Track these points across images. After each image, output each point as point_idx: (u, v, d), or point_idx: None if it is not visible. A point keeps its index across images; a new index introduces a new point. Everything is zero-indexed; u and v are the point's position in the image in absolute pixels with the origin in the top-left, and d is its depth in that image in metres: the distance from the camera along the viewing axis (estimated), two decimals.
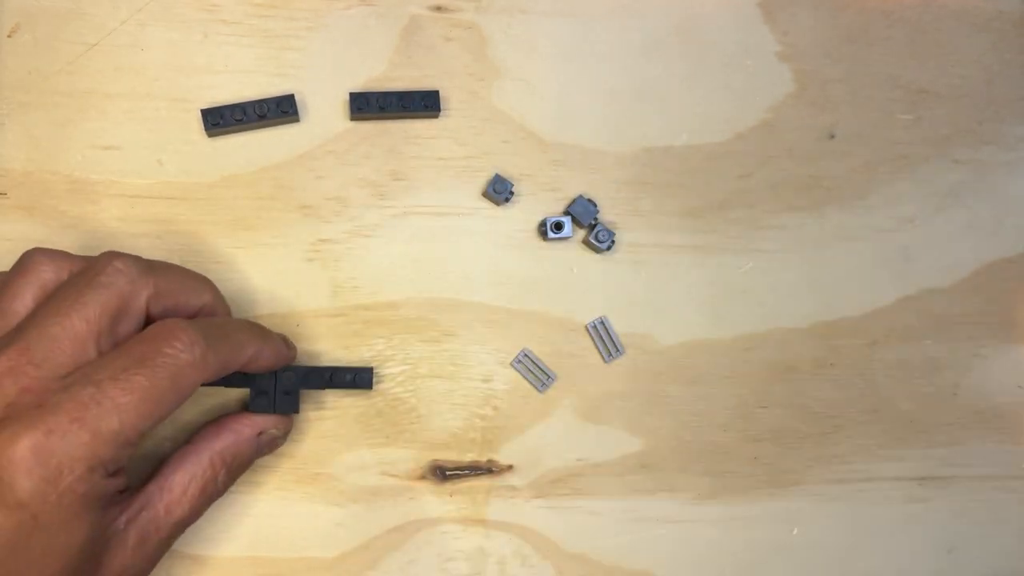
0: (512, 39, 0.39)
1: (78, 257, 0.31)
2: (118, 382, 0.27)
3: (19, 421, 0.26)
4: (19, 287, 0.29)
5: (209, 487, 0.32)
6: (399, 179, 0.38)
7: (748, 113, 0.40)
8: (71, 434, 0.26)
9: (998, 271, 0.41)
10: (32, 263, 0.30)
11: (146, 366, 0.27)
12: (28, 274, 0.30)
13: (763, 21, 0.41)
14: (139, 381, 0.27)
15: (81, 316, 0.28)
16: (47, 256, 0.30)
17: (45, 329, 0.27)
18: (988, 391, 0.40)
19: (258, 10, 0.38)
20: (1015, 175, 0.41)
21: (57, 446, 0.26)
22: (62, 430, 0.26)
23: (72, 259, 0.30)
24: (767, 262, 0.40)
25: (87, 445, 0.26)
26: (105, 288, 0.29)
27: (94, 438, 0.26)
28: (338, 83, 0.38)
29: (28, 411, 0.26)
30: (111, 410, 0.27)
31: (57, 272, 0.30)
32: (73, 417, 0.26)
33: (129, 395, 0.27)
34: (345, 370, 0.35)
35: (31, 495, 0.25)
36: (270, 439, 0.34)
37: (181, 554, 0.35)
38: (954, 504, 0.39)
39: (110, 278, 0.29)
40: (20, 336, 0.27)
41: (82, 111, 0.36)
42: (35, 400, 0.26)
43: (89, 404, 0.26)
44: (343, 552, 0.36)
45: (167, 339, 0.28)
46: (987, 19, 0.42)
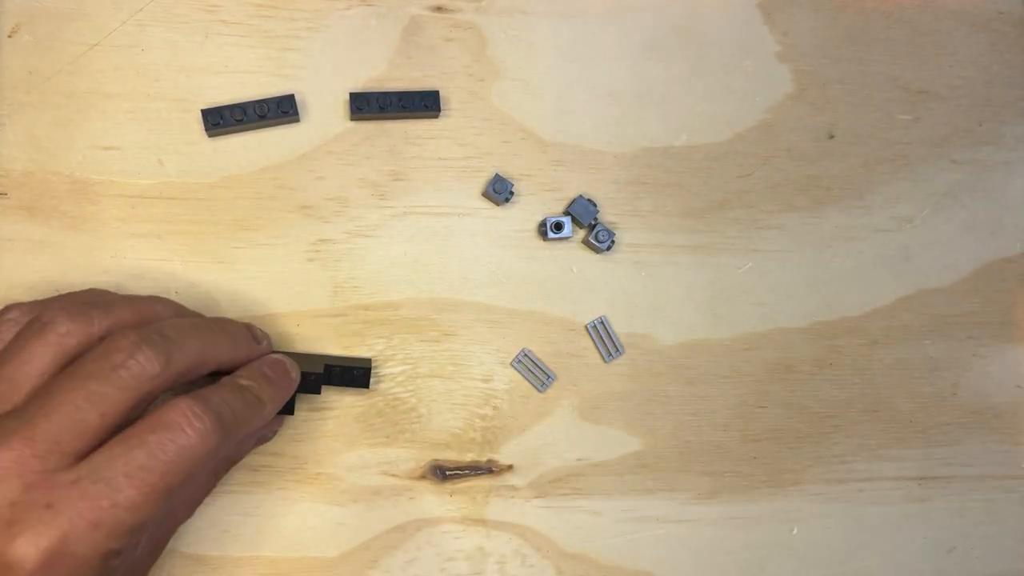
0: (512, 39, 0.39)
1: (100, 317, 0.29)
2: (132, 480, 0.26)
3: (30, 526, 0.25)
4: (35, 351, 0.28)
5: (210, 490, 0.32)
6: (399, 179, 0.38)
7: (748, 113, 0.40)
8: (86, 538, 0.25)
9: (997, 271, 0.41)
10: (53, 325, 0.28)
11: (159, 461, 0.26)
12: (48, 336, 0.28)
13: (763, 21, 0.41)
14: (153, 480, 0.26)
15: (96, 410, 0.26)
16: (71, 320, 0.28)
17: (54, 417, 0.26)
18: (987, 391, 0.40)
19: (259, 11, 0.38)
20: (1014, 175, 0.41)
21: (74, 550, 0.25)
22: (77, 535, 0.25)
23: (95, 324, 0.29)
24: (767, 262, 0.40)
25: (103, 543, 0.25)
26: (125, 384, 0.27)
27: (109, 537, 0.26)
28: (338, 83, 0.38)
29: (37, 512, 0.25)
30: (127, 510, 0.26)
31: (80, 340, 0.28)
32: (88, 520, 0.25)
33: (143, 494, 0.26)
34: (345, 369, 0.35)
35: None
36: (263, 439, 0.34)
37: (181, 554, 0.35)
38: (954, 504, 0.39)
39: (131, 373, 0.27)
40: (27, 422, 0.26)
41: (83, 111, 0.36)
42: (43, 499, 0.25)
43: (103, 504, 0.25)
44: (344, 552, 0.36)
45: (181, 429, 0.27)
46: (987, 19, 0.42)
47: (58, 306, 0.29)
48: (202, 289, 0.36)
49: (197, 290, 0.36)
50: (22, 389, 0.27)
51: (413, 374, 0.37)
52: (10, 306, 0.30)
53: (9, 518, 0.25)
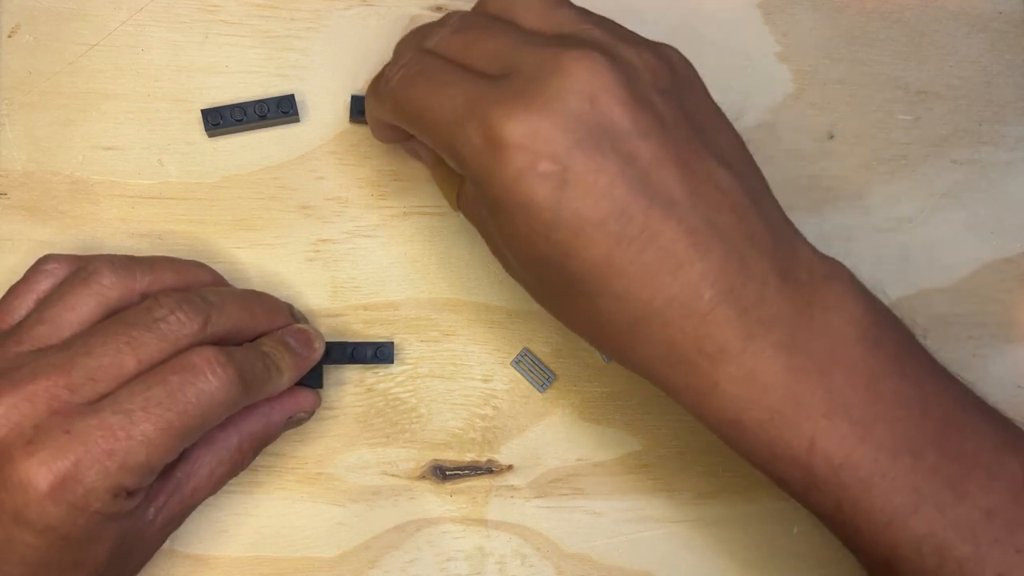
0: None
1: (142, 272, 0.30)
2: (150, 415, 0.26)
3: (47, 448, 0.25)
4: (80, 299, 0.29)
5: (236, 469, 0.32)
6: (399, 179, 0.38)
7: (748, 113, 0.40)
8: (98, 465, 0.26)
9: (997, 271, 0.41)
10: (98, 276, 0.29)
11: (178, 401, 0.27)
12: (92, 286, 0.29)
13: (763, 22, 0.41)
14: (170, 417, 0.27)
15: (135, 355, 0.27)
16: (114, 272, 0.29)
17: (95, 359, 0.27)
18: (987, 391, 0.40)
19: (259, 11, 0.38)
20: (1014, 175, 0.41)
21: (84, 477, 0.26)
22: (90, 461, 0.26)
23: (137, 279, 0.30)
24: None
25: (113, 476, 0.26)
26: (164, 335, 0.28)
27: (120, 470, 0.26)
28: (338, 83, 0.38)
29: (57, 436, 0.26)
30: (140, 443, 0.26)
31: (122, 294, 0.29)
32: (102, 449, 0.26)
33: (159, 430, 0.26)
34: (367, 345, 0.35)
35: (59, 520, 0.26)
36: (297, 421, 0.34)
37: (181, 554, 0.35)
38: None
39: (171, 327, 0.28)
40: (68, 358, 0.27)
41: (83, 112, 0.36)
42: (63, 424, 0.26)
43: (119, 435, 0.26)
44: (343, 551, 0.36)
45: (203, 373, 0.28)
46: (987, 20, 0.42)
47: (103, 259, 0.30)
48: None
49: None
50: (63, 333, 0.28)
51: (413, 374, 0.37)
52: (48, 256, 0.31)
53: (31, 438, 0.26)
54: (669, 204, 0.26)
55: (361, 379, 0.37)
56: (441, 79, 0.27)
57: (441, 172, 0.34)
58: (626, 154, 0.26)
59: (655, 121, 0.26)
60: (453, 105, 0.27)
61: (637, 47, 0.28)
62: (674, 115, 0.27)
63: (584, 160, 0.25)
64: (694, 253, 0.26)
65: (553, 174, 0.25)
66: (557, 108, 0.25)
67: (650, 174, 0.26)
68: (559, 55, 0.26)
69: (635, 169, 0.26)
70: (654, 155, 0.26)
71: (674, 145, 0.26)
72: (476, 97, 0.26)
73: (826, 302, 0.27)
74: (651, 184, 0.26)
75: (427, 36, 0.30)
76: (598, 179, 0.25)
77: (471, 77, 0.27)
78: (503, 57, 0.27)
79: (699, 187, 0.26)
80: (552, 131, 0.25)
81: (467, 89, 0.27)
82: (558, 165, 0.25)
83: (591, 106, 0.25)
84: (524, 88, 0.26)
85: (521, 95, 0.26)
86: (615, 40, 0.28)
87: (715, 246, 0.26)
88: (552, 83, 0.25)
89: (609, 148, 0.25)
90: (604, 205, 0.25)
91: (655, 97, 0.27)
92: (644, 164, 0.26)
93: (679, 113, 0.27)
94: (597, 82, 0.25)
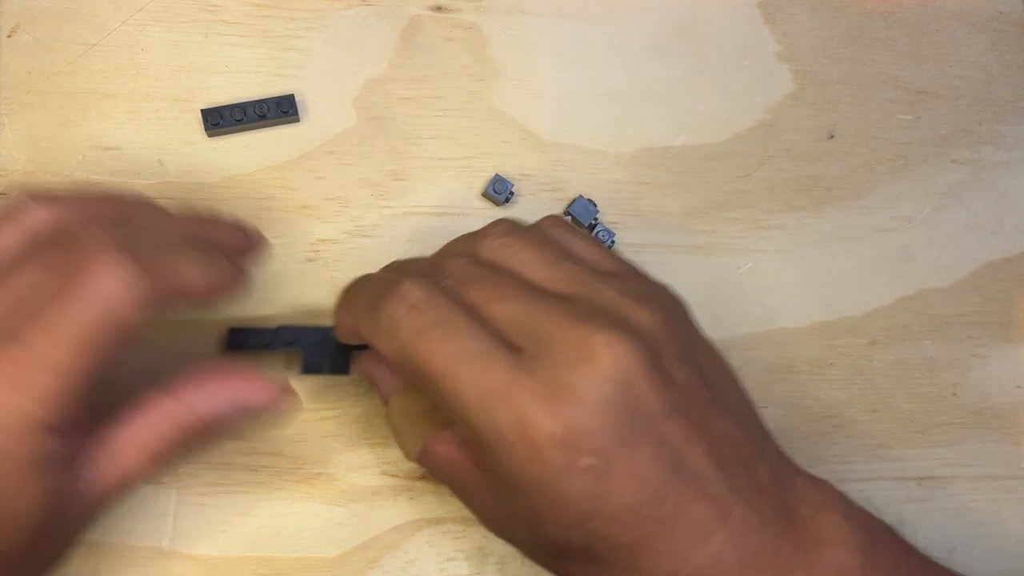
0: (512, 39, 0.39)
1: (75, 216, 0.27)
2: (48, 336, 0.24)
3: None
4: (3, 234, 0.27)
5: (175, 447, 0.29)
6: (399, 179, 0.38)
7: (748, 113, 0.40)
8: (12, 403, 0.24)
9: (997, 271, 0.41)
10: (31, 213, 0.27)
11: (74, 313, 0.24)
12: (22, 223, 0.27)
13: (763, 22, 0.41)
14: (71, 333, 0.24)
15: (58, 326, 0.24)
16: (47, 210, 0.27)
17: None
18: (987, 391, 0.40)
19: (258, 10, 0.38)
20: (1014, 175, 0.41)
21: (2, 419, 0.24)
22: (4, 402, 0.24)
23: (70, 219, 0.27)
24: (767, 262, 0.40)
25: (25, 410, 0.24)
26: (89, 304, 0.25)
27: (32, 403, 0.24)
28: (339, 83, 0.38)
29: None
30: (47, 370, 0.24)
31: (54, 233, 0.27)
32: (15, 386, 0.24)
33: (63, 350, 0.24)
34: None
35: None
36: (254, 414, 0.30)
37: (181, 554, 0.35)
38: (954, 504, 0.39)
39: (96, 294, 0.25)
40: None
41: (83, 112, 0.36)
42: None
43: (22, 366, 0.24)
44: (344, 551, 0.36)
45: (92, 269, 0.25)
46: (987, 19, 0.42)
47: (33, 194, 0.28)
48: None
49: None
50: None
51: None
52: None
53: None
54: (697, 479, 0.26)
55: (361, 379, 0.37)
56: (464, 344, 0.26)
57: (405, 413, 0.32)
58: (659, 436, 0.26)
59: (678, 395, 0.27)
60: (481, 385, 0.26)
61: (648, 306, 0.28)
62: (691, 381, 0.27)
63: (624, 450, 0.25)
64: (717, 522, 0.26)
65: (594, 467, 0.25)
66: (594, 400, 0.25)
67: (681, 452, 0.26)
68: (588, 340, 0.26)
69: (668, 450, 0.26)
70: (683, 431, 0.26)
71: (697, 415, 0.27)
72: (507, 382, 0.26)
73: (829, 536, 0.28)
74: (682, 462, 0.26)
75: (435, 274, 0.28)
76: (637, 467, 0.26)
77: (495, 348, 0.26)
78: (524, 325, 0.27)
79: (719, 451, 0.27)
80: (592, 425, 0.25)
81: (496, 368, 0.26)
82: (599, 458, 0.25)
83: (624, 393, 0.26)
84: (558, 377, 0.25)
85: (556, 386, 0.25)
86: (625, 300, 0.28)
87: (734, 507, 0.26)
88: (587, 372, 0.25)
89: (644, 433, 0.26)
90: (642, 491, 0.26)
91: (675, 367, 0.27)
92: (676, 443, 0.26)
93: (695, 377, 0.28)
94: (629, 367, 0.26)
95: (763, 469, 0.28)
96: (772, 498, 0.28)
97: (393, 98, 0.38)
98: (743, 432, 0.28)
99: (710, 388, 0.28)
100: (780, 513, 0.27)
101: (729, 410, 0.29)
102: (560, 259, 0.29)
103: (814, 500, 0.29)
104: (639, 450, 0.26)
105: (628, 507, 0.26)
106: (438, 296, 0.27)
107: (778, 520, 0.27)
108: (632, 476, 0.26)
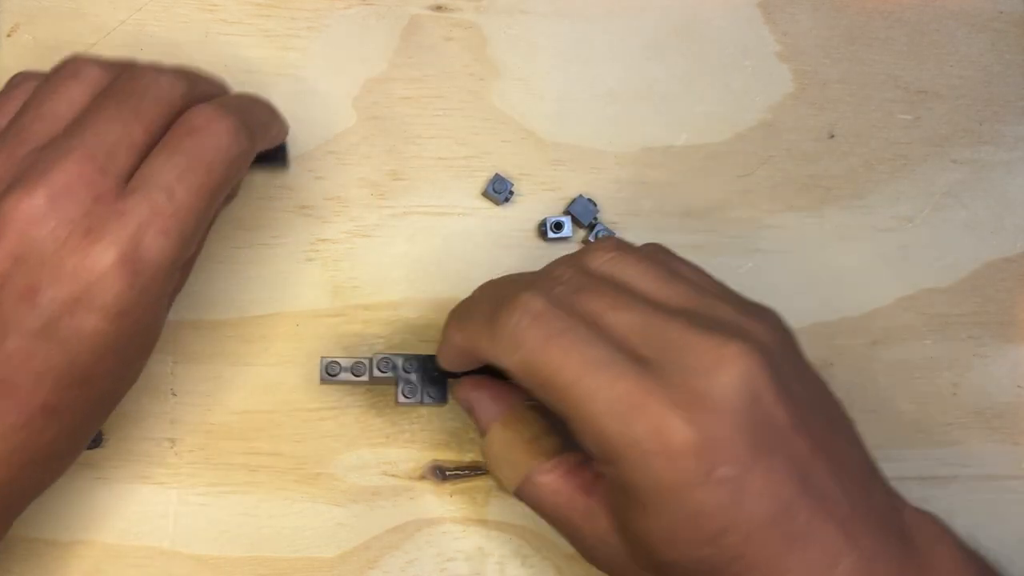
0: (512, 39, 0.39)
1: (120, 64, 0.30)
2: (184, 184, 0.27)
3: (107, 232, 0.26)
4: (74, 91, 0.29)
5: None
6: (399, 179, 0.38)
7: (748, 113, 0.40)
8: (157, 243, 0.26)
9: (998, 271, 0.41)
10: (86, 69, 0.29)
11: (202, 162, 0.27)
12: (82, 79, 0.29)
13: (763, 21, 0.41)
14: (201, 180, 0.27)
15: (141, 124, 0.27)
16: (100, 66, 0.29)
17: (105, 135, 0.27)
18: (988, 391, 0.40)
19: (259, 10, 0.38)
20: (1015, 175, 0.41)
21: (147, 255, 0.26)
22: (148, 240, 0.26)
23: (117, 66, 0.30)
24: (767, 262, 0.40)
25: (171, 250, 0.27)
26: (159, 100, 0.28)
27: (175, 243, 0.27)
28: (338, 83, 0.38)
29: (109, 222, 0.26)
30: (187, 213, 0.27)
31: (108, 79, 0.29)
32: (156, 227, 0.26)
33: (196, 195, 0.27)
34: None
35: (132, 305, 0.26)
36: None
37: (181, 554, 0.35)
38: (954, 504, 0.39)
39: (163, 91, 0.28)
40: (79, 141, 0.27)
41: None
42: (111, 210, 0.26)
43: (166, 210, 0.26)
44: (343, 552, 0.36)
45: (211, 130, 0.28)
46: (987, 19, 0.42)
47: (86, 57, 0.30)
48: (202, 289, 0.36)
49: (196, 291, 0.36)
50: (62, 123, 0.28)
51: None
52: (21, 74, 0.31)
53: (87, 226, 0.26)
54: (825, 498, 0.26)
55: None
56: (593, 353, 0.26)
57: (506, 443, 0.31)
58: (789, 451, 0.26)
59: (801, 411, 0.26)
60: (613, 393, 0.25)
61: (765, 323, 0.28)
62: (810, 398, 0.28)
63: (760, 462, 0.25)
64: (847, 545, 0.26)
65: (731, 477, 0.25)
66: (729, 408, 0.25)
67: (808, 469, 0.26)
68: (720, 350, 0.26)
69: (797, 465, 0.26)
70: (809, 448, 0.26)
71: (819, 432, 0.27)
72: (642, 390, 0.25)
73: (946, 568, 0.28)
74: (810, 479, 0.26)
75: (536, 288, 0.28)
76: (771, 480, 0.25)
77: (626, 358, 0.26)
78: (648, 335, 0.26)
79: (841, 472, 0.27)
80: (729, 433, 0.25)
81: (627, 376, 0.26)
82: (736, 468, 0.25)
83: (756, 404, 0.25)
84: (692, 385, 0.25)
85: (691, 394, 0.25)
86: (742, 316, 0.28)
87: (860, 533, 0.26)
88: (720, 380, 0.25)
89: (776, 446, 0.26)
90: (775, 506, 0.25)
91: (795, 384, 0.27)
92: (803, 459, 0.26)
93: (812, 394, 0.28)
94: (759, 379, 0.26)
95: (879, 495, 0.28)
96: (891, 525, 0.27)
97: (393, 98, 0.38)
98: (858, 456, 0.28)
99: (824, 409, 0.28)
100: (900, 542, 0.27)
101: (843, 433, 0.28)
102: (672, 275, 0.29)
103: (927, 531, 0.28)
104: (773, 462, 0.25)
105: (762, 520, 0.25)
106: (560, 306, 0.27)
107: (899, 549, 0.27)
108: (766, 488, 0.25)
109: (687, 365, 0.26)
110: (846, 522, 0.26)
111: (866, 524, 0.27)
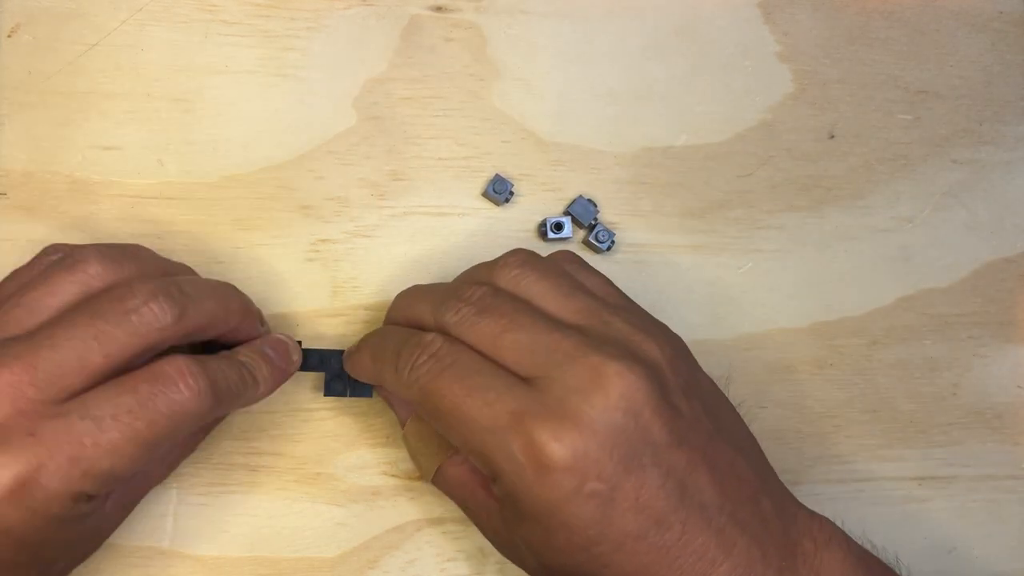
0: (512, 39, 0.39)
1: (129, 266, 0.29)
2: (118, 424, 0.26)
3: (9, 450, 0.25)
4: (62, 285, 0.28)
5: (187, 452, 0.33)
6: (399, 179, 0.38)
7: (748, 113, 0.40)
8: (62, 472, 0.25)
9: (997, 271, 0.41)
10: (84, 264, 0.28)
11: (148, 410, 0.26)
12: (76, 274, 0.28)
13: (763, 21, 0.41)
14: (139, 427, 0.26)
15: (103, 349, 0.26)
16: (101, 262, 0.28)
17: (60, 350, 0.26)
18: (988, 391, 0.40)
19: (259, 10, 0.38)
20: (1014, 175, 0.41)
21: (47, 482, 0.25)
22: (54, 468, 0.25)
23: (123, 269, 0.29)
24: (767, 262, 0.40)
25: (76, 482, 0.25)
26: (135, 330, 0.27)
27: (84, 477, 0.25)
28: (338, 83, 0.38)
29: (20, 437, 0.25)
30: (107, 452, 0.25)
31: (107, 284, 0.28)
32: (67, 456, 0.25)
33: (127, 439, 0.26)
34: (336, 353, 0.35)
35: (16, 523, 0.25)
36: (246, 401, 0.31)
37: (181, 554, 0.35)
38: (954, 504, 0.39)
39: (143, 320, 0.27)
40: (32, 349, 0.26)
41: (82, 111, 0.36)
42: (28, 426, 0.25)
43: (85, 443, 0.25)
44: (343, 552, 0.36)
45: (175, 384, 0.27)
46: (987, 19, 0.42)
47: (93, 249, 0.29)
48: None
49: None
50: (39, 318, 0.27)
51: None
52: (53, 246, 0.30)
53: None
54: (702, 508, 0.27)
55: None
56: (477, 381, 0.28)
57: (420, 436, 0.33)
58: (665, 465, 0.27)
59: (684, 426, 0.28)
60: (492, 413, 0.27)
61: (656, 340, 0.29)
62: (696, 413, 0.28)
63: (630, 477, 0.26)
64: (721, 553, 0.27)
65: (600, 493, 0.26)
66: (603, 426, 0.26)
67: (686, 481, 0.27)
68: (599, 369, 0.27)
69: (673, 479, 0.27)
70: (688, 461, 0.27)
71: (702, 446, 0.28)
72: (519, 410, 0.26)
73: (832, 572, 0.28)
74: (687, 491, 0.27)
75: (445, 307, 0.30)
76: (642, 494, 0.26)
77: (508, 382, 0.27)
78: (536, 355, 0.28)
79: (724, 482, 0.28)
80: (600, 451, 0.26)
81: (506, 397, 0.27)
82: (605, 484, 0.26)
83: (634, 422, 0.26)
84: (568, 403, 0.26)
85: (567, 413, 0.26)
86: (635, 332, 0.29)
87: (737, 539, 0.27)
88: (597, 399, 0.26)
89: (650, 462, 0.27)
90: (647, 518, 0.26)
91: (681, 400, 0.28)
92: (680, 473, 0.27)
93: (700, 409, 0.29)
94: (638, 397, 0.27)
95: (767, 502, 0.29)
96: (775, 532, 0.28)
97: (393, 98, 0.38)
98: (747, 465, 0.29)
99: (714, 422, 0.29)
100: (783, 547, 0.28)
101: (733, 443, 0.29)
102: (573, 290, 0.30)
103: (817, 536, 0.29)
104: (645, 478, 0.26)
105: (632, 534, 0.26)
106: (457, 339, 0.29)
107: (781, 554, 0.28)
108: (637, 503, 0.26)
109: (568, 384, 0.27)
110: (724, 531, 0.27)
111: (747, 531, 0.27)
